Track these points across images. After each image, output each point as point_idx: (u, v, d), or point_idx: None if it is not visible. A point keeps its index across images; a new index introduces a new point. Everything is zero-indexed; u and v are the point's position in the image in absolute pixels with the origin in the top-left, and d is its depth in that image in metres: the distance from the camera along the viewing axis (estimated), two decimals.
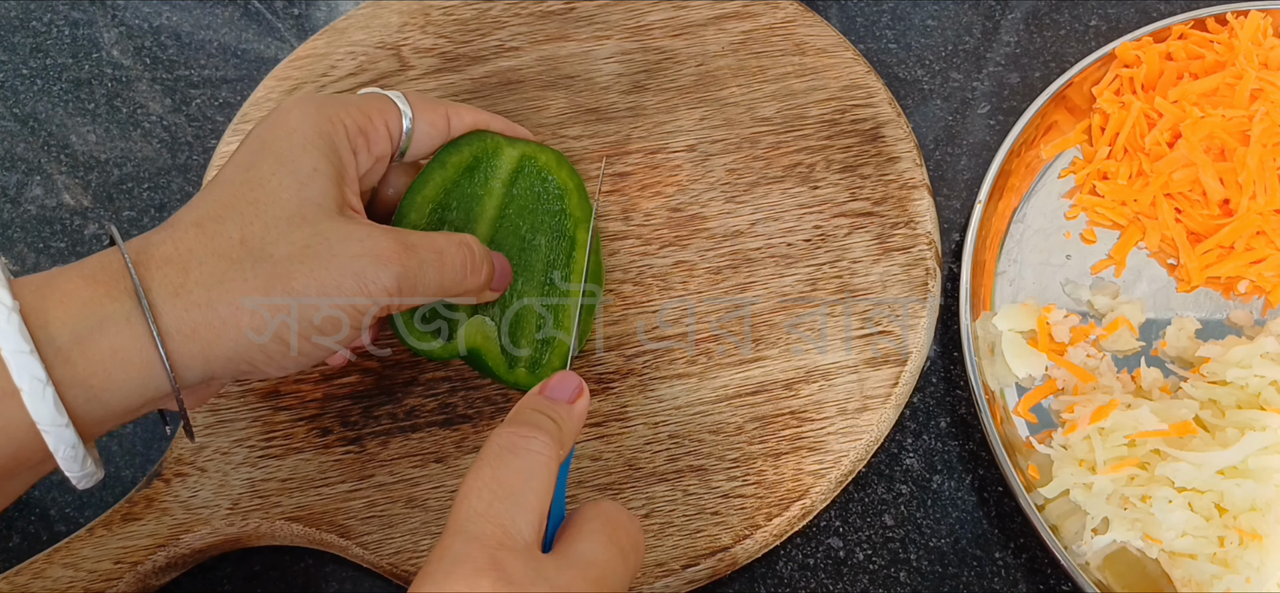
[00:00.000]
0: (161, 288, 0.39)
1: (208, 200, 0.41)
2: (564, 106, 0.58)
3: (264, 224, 0.40)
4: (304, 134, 0.43)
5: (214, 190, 0.42)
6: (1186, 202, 0.54)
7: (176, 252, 0.39)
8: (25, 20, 0.67)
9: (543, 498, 0.37)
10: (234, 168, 0.42)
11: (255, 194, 0.41)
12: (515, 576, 0.34)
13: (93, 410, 0.38)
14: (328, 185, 0.42)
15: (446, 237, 0.45)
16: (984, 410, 0.49)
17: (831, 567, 0.49)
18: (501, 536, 0.35)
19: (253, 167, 0.42)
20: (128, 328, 0.38)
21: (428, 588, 0.34)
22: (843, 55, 0.59)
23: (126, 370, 0.38)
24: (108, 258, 0.39)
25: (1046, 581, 0.49)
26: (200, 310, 0.39)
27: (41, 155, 0.62)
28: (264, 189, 0.41)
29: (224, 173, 0.43)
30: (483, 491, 0.36)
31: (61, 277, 0.38)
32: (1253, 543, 0.45)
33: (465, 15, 0.62)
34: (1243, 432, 0.46)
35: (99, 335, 0.38)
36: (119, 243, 0.39)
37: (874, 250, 0.53)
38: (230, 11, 0.67)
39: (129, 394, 0.39)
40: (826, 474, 0.48)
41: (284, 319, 0.40)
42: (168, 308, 0.39)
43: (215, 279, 0.39)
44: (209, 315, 0.39)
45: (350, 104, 0.45)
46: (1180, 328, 0.52)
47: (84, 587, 0.46)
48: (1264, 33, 0.57)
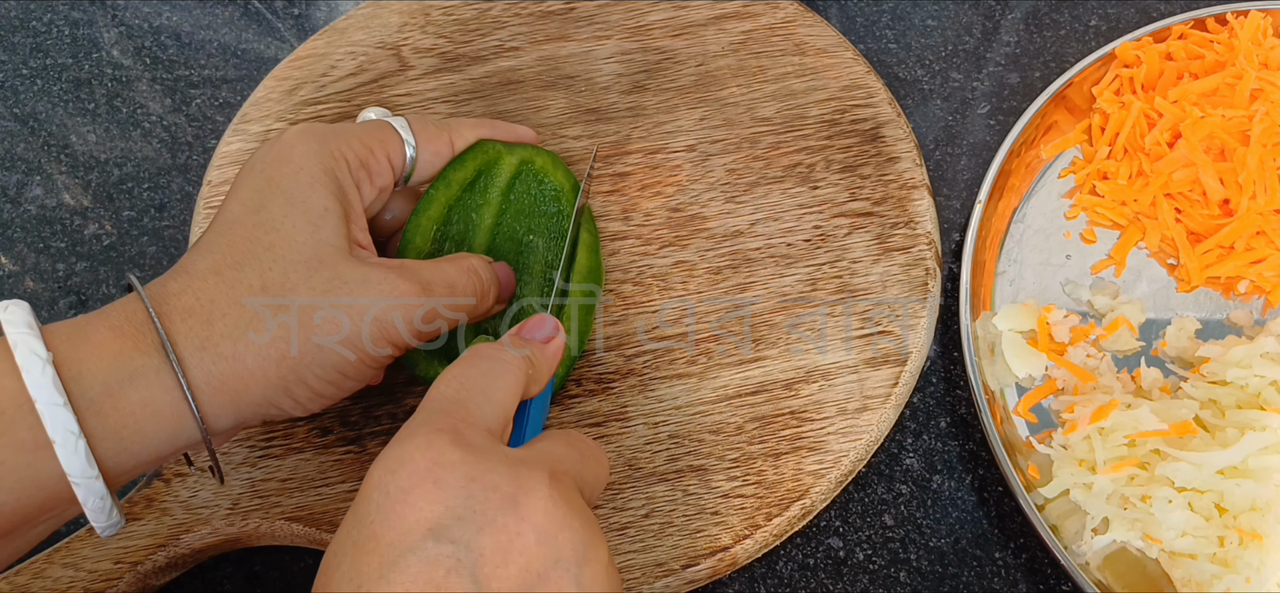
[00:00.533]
0: (188, 341, 0.39)
1: (221, 244, 0.41)
2: (564, 106, 0.58)
3: (283, 270, 0.41)
4: (310, 172, 0.43)
5: (226, 233, 0.42)
6: (1186, 202, 0.54)
7: (199, 302, 0.40)
8: (25, 20, 0.67)
9: (508, 397, 0.38)
10: (242, 208, 0.42)
11: (270, 238, 0.41)
12: (474, 443, 0.35)
13: (122, 461, 0.38)
14: (338, 224, 0.43)
15: (455, 264, 0.45)
16: (984, 410, 0.49)
17: (831, 567, 0.49)
18: (464, 413, 0.36)
19: (262, 208, 0.42)
20: (158, 381, 0.38)
21: (391, 451, 0.34)
22: (843, 55, 0.59)
23: (158, 422, 0.38)
24: (131, 309, 0.39)
25: (1046, 581, 0.49)
26: (227, 363, 0.39)
27: (41, 155, 0.62)
28: (279, 233, 0.41)
29: (231, 211, 0.43)
30: (450, 382, 0.37)
31: (89, 327, 0.38)
32: (1253, 543, 0.45)
33: (465, 15, 0.62)
34: (1243, 432, 0.46)
35: (130, 388, 0.38)
36: (141, 294, 0.39)
37: (874, 250, 0.53)
38: (230, 11, 0.67)
39: (159, 444, 0.39)
40: (826, 474, 0.48)
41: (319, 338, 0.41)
42: (195, 361, 0.39)
43: (240, 328, 0.40)
44: (236, 367, 0.40)
45: (352, 136, 0.45)
46: (1180, 328, 0.52)
47: (84, 587, 0.46)
48: (1264, 33, 0.57)
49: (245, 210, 0.42)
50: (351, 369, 0.42)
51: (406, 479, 0.33)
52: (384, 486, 0.34)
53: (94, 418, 0.37)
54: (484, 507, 0.33)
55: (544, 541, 0.33)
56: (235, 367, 0.39)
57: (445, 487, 0.33)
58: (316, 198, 0.43)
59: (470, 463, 0.34)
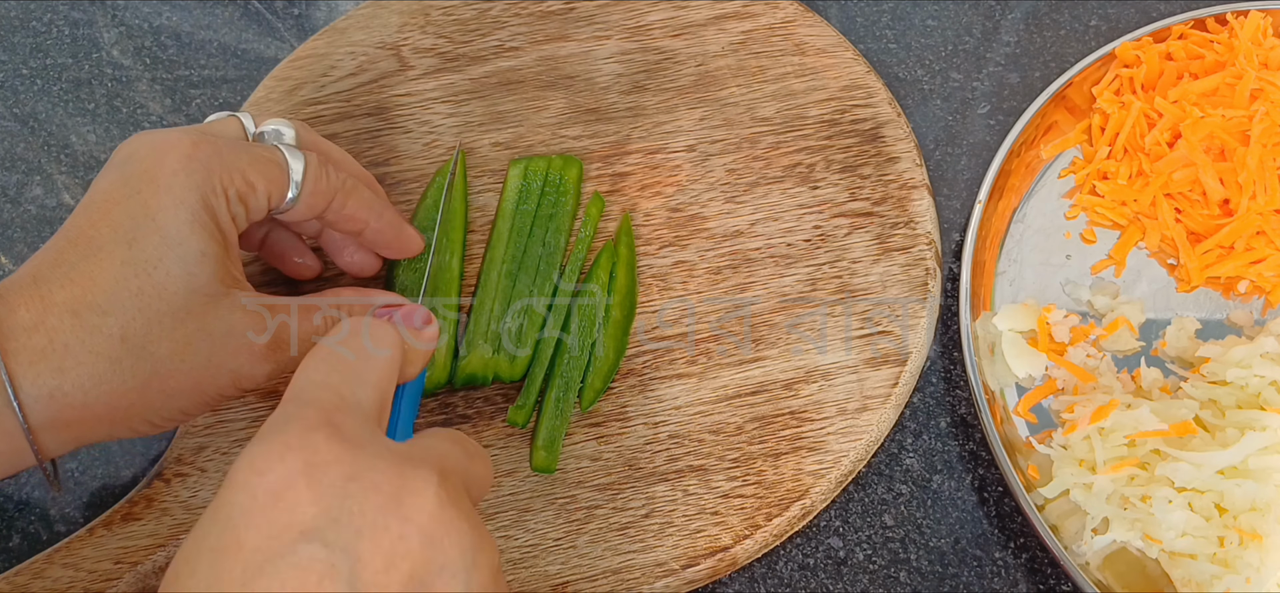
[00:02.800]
0: (35, 387, 0.37)
1: (84, 273, 0.38)
2: (564, 106, 0.58)
3: (148, 320, 0.39)
4: (190, 207, 0.40)
5: (90, 257, 0.39)
6: (1186, 202, 0.54)
7: (51, 344, 0.37)
8: (25, 20, 0.67)
9: (386, 378, 0.35)
10: (112, 235, 0.39)
11: (140, 282, 0.39)
12: (351, 434, 0.31)
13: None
14: (215, 268, 0.40)
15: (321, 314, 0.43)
16: (984, 410, 0.49)
17: (831, 567, 0.49)
18: (338, 401, 0.33)
19: (134, 241, 0.39)
20: (4, 438, 0.37)
21: (257, 449, 0.31)
22: (843, 55, 0.59)
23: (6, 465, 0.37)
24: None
25: (1046, 581, 0.49)
26: (75, 409, 0.38)
27: (41, 155, 0.62)
28: (150, 278, 0.39)
29: (99, 233, 0.39)
30: (320, 365, 0.34)
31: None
32: (1253, 543, 0.45)
33: (465, 15, 0.62)
34: (1243, 432, 0.46)
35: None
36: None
37: (874, 250, 0.53)
38: (230, 11, 0.67)
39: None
40: (826, 474, 0.48)
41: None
42: (41, 408, 0.37)
43: (93, 381, 0.38)
44: (83, 413, 0.38)
45: (236, 167, 0.42)
46: (1180, 328, 0.52)
47: (84, 587, 0.46)
48: (1264, 33, 0.57)
49: (114, 235, 0.39)
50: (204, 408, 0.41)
51: (277, 481, 0.30)
52: (250, 487, 0.30)
53: None
54: (363, 508, 0.30)
55: (429, 544, 0.30)
56: (82, 412, 0.38)
57: (320, 487, 0.30)
58: (195, 240, 0.40)
59: (349, 460, 0.31)
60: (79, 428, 0.39)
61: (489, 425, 0.50)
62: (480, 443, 0.49)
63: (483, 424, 0.50)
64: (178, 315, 0.39)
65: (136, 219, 0.39)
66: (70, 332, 0.38)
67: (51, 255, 0.39)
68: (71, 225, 0.40)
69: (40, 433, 0.38)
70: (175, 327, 0.39)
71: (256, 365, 0.41)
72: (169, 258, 0.39)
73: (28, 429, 0.37)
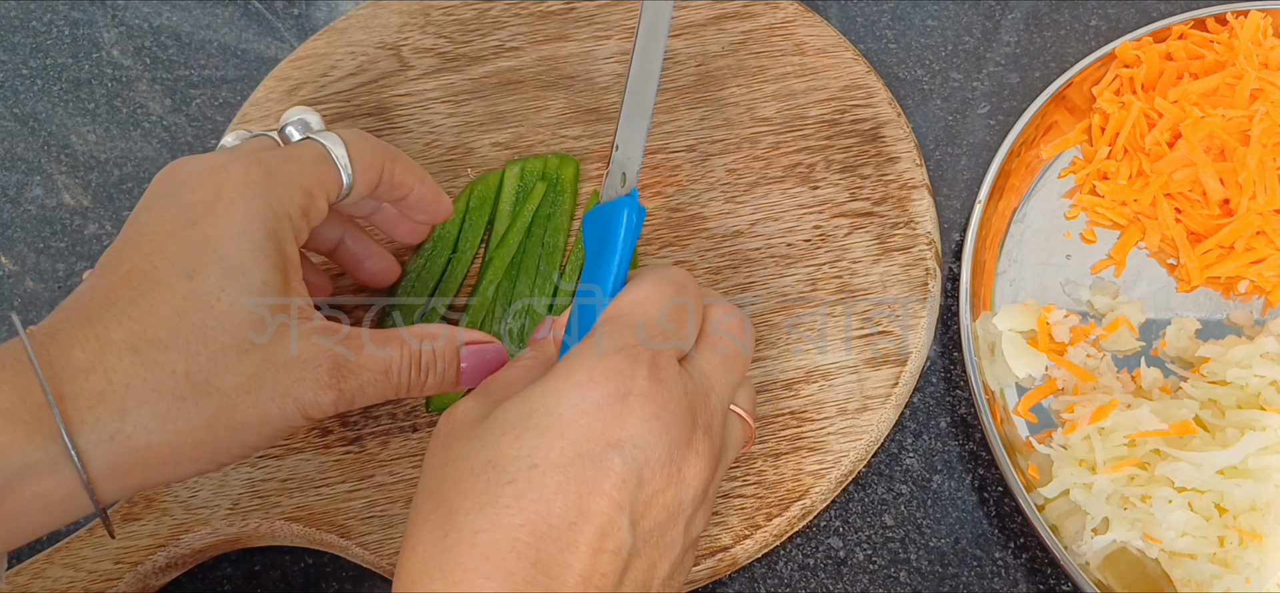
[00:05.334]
0: (95, 432, 0.35)
1: (142, 308, 0.37)
2: (564, 106, 0.58)
3: (211, 355, 0.37)
4: (252, 238, 0.39)
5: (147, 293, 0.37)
6: (1186, 202, 0.54)
7: (111, 386, 0.35)
8: (25, 20, 0.67)
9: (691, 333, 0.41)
10: (170, 267, 0.37)
11: (202, 316, 0.37)
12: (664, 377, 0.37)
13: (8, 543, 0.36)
14: (274, 295, 0.39)
15: (400, 347, 0.41)
16: (984, 410, 0.49)
17: (831, 567, 0.49)
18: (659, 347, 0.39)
19: (194, 274, 0.37)
20: (53, 477, 0.35)
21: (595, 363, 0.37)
22: (843, 55, 0.59)
23: (49, 513, 0.36)
24: (23, 384, 0.35)
25: (1046, 581, 0.49)
26: (138, 454, 0.36)
27: (41, 155, 0.62)
28: (212, 311, 0.37)
29: (155, 267, 0.37)
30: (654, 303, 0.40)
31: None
32: (1253, 543, 0.45)
33: (465, 15, 0.62)
34: (1243, 432, 0.46)
35: (20, 484, 0.34)
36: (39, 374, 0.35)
37: (874, 250, 0.53)
38: (230, 11, 0.67)
39: (49, 527, 0.36)
40: (826, 474, 0.48)
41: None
42: (102, 453, 0.35)
43: (157, 422, 0.36)
44: (147, 456, 0.36)
45: (295, 185, 0.41)
46: (1180, 328, 0.52)
47: (84, 587, 0.46)
48: (1264, 33, 0.57)
49: (172, 268, 0.37)
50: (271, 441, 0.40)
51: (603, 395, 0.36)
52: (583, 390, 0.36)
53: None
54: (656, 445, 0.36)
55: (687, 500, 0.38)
56: (145, 455, 0.36)
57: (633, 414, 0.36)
58: (257, 270, 0.39)
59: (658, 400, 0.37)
60: (141, 473, 0.37)
61: None
62: None
63: None
64: (243, 347, 0.38)
65: (195, 251, 0.38)
66: (130, 370, 0.36)
67: (102, 292, 0.37)
68: (120, 260, 0.38)
69: (99, 482, 0.36)
70: (240, 359, 0.38)
71: (322, 394, 0.40)
72: (230, 289, 0.38)
73: (87, 479, 0.35)
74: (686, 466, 0.37)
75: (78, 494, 0.35)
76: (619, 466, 0.35)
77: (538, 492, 0.35)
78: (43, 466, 0.35)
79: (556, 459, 0.35)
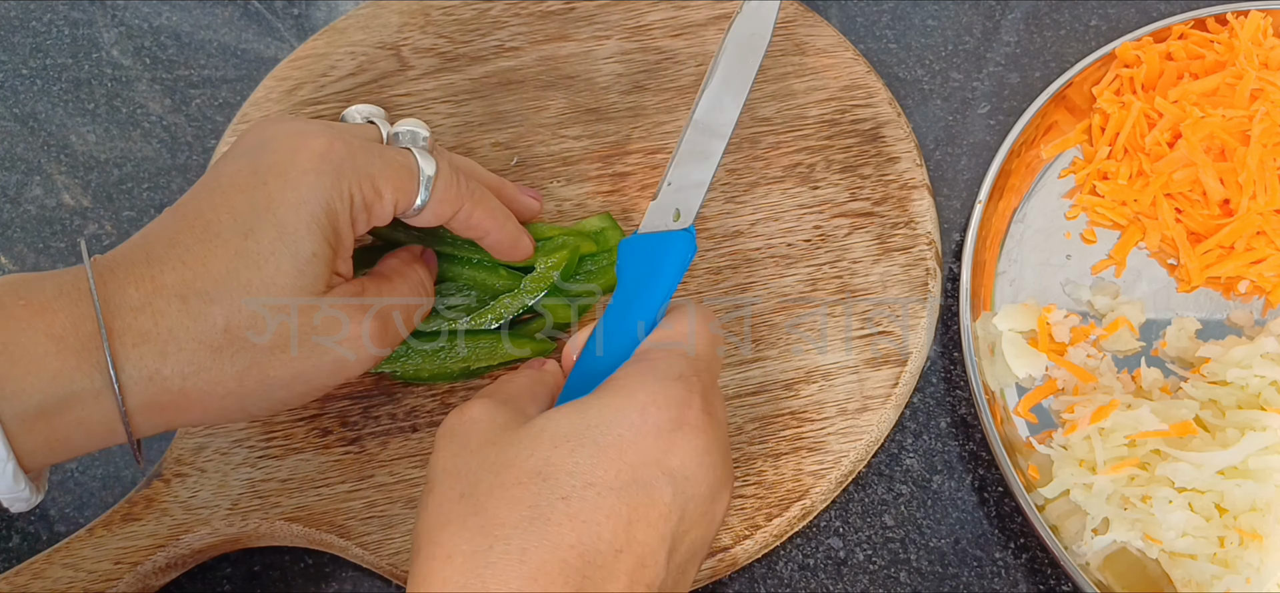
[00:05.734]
0: (137, 369, 0.37)
1: (197, 255, 0.38)
2: (564, 106, 0.58)
3: (252, 313, 0.39)
4: (311, 209, 0.40)
5: (205, 240, 0.39)
6: (1186, 202, 0.54)
7: (156, 328, 0.37)
8: (25, 20, 0.67)
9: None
10: (232, 222, 0.39)
11: (249, 275, 0.39)
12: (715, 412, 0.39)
13: (46, 461, 0.38)
14: (322, 269, 0.41)
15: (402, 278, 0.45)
16: (984, 411, 0.49)
17: (831, 567, 0.49)
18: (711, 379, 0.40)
19: (252, 233, 0.39)
20: (95, 404, 0.37)
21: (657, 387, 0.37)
22: (843, 55, 0.59)
23: (88, 437, 0.38)
24: (78, 313, 0.37)
25: (1046, 581, 0.49)
26: (172, 394, 0.38)
27: (41, 155, 0.62)
28: (260, 271, 0.39)
29: (219, 217, 0.39)
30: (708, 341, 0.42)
31: (28, 335, 0.36)
32: (1253, 543, 0.45)
33: (465, 15, 0.62)
34: (1243, 432, 0.46)
35: (66, 409, 0.37)
36: (97, 308, 0.37)
37: (874, 250, 0.53)
38: (230, 11, 0.67)
39: (85, 450, 0.38)
40: (826, 475, 0.48)
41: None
42: (139, 389, 0.37)
43: (193, 369, 0.38)
44: (179, 399, 0.38)
45: (368, 174, 0.42)
46: (1180, 328, 0.52)
47: (84, 587, 0.46)
48: (1264, 33, 0.57)
49: (233, 223, 0.39)
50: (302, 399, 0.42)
51: (660, 422, 0.36)
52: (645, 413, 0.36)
53: (24, 435, 0.36)
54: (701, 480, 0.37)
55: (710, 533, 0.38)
56: (179, 398, 0.38)
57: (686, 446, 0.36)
58: (309, 240, 0.40)
59: (708, 434, 0.37)
60: (174, 412, 0.39)
61: None
62: None
63: None
64: (281, 309, 0.39)
65: (258, 210, 0.39)
66: (176, 317, 0.38)
67: (167, 233, 0.39)
68: (191, 204, 0.40)
69: (135, 415, 0.38)
70: (276, 318, 0.39)
71: (360, 355, 0.42)
72: (281, 254, 0.39)
73: (124, 411, 0.37)
74: (718, 503, 0.38)
75: (115, 424, 0.38)
76: (668, 496, 0.35)
77: (591, 513, 0.34)
78: (87, 393, 0.37)
79: (612, 481, 0.35)
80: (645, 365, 0.38)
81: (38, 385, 0.36)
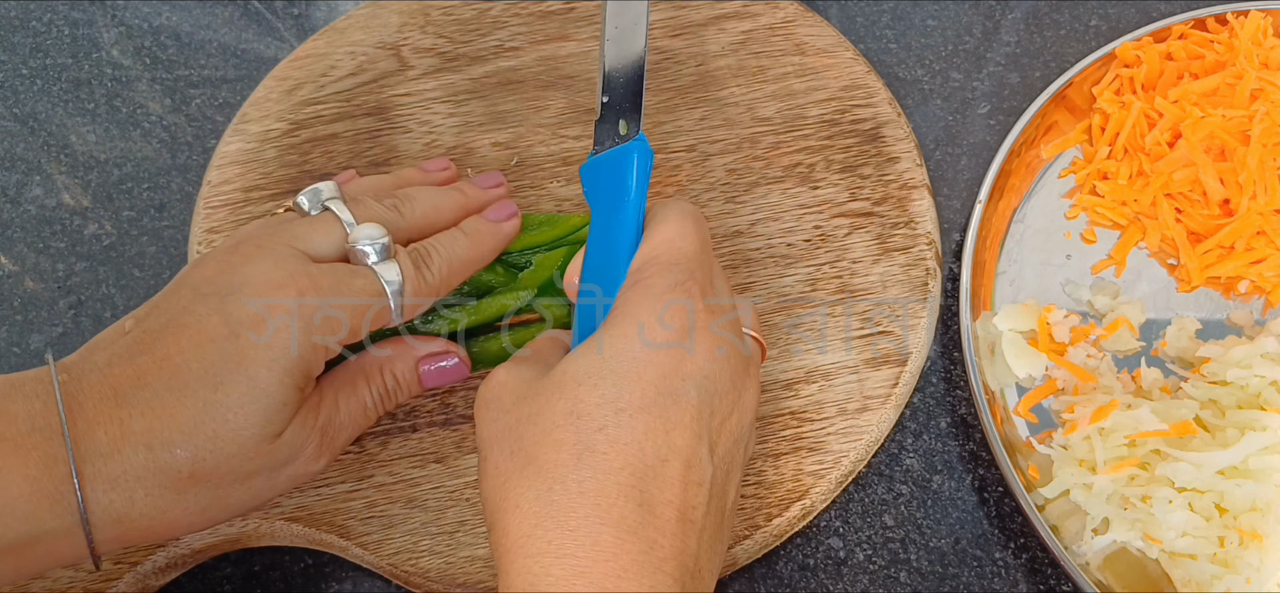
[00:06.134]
0: (105, 512, 0.38)
1: (166, 411, 0.39)
2: (564, 106, 0.58)
3: (217, 461, 0.40)
4: (285, 363, 0.41)
5: (175, 398, 0.39)
6: (1187, 202, 0.54)
7: (123, 474, 0.38)
8: (25, 20, 0.67)
9: None
10: (202, 373, 0.39)
11: (216, 426, 0.39)
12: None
13: (11, 583, 0.39)
14: (291, 414, 0.42)
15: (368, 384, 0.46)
16: (984, 410, 0.49)
17: (831, 567, 0.49)
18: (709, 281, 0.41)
19: (222, 386, 0.39)
20: (66, 540, 0.38)
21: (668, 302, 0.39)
22: (843, 55, 0.59)
23: (55, 562, 0.39)
24: (50, 454, 0.37)
25: (1046, 581, 0.49)
26: (138, 530, 0.40)
27: (41, 155, 0.62)
28: (227, 423, 0.39)
29: (189, 366, 0.39)
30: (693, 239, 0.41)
31: (9, 478, 0.37)
32: (1253, 543, 0.45)
33: (465, 15, 0.62)
34: (1243, 432, 0.46)
35: (37, 543, 0.38)
36: (70, 454, 0.37)
37: (874, 250, 0.53)
38: (230, 11, 0.67)
39: (51, 569, 0.41)
40: (826, 475, 0.48)
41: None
42: (108, 527, 0.39)
43: (158, 509, 0.39)
44: (145, 531, 0.40)
45: (338, 316, 0.42)
46: (1180, 328, 0.52)
47: (84, 587, 0.46)
48: (1264, 33, 0.57)
49: (203, 375, 0.39)
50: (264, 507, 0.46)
51: (668, 335, 0.38)
52: (651, 333, 0.38)
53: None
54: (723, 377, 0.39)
55: (746, 418, 0.40)
56: (145, 532, 0.40)
57: (699, 350, 0.38)
58: (281, 391, 0.41)
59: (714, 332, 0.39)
60: (138, 538, 0.40)
61: None
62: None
63: None
64: (246, 453, 0.40)
65: (229, 363, 0.40)
66: (143, 464, 0.39)
67: (135, 368, 0.39)
68: (158, 339, 0.40)
69: (101, 545, 0.39)
70: (242, 462, 0.40)
71: (312, 467, 0.44)
72: (251, 407, 0.40)
73: (92, 547, 0.39)
74: (745, 390, 0.40)
75: (82, 551, 0.39)
76: (695, 397, 0.37)
77: (629, 434, 0.36)
78: (58, 531, 0.38)
79: (639, 401, 0.37)
80: (641, 288, 0.40)
81: (12, 525, 0.37)
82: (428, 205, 0.48)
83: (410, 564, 0.47)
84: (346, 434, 0.45)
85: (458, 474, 0.49)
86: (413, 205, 0.48)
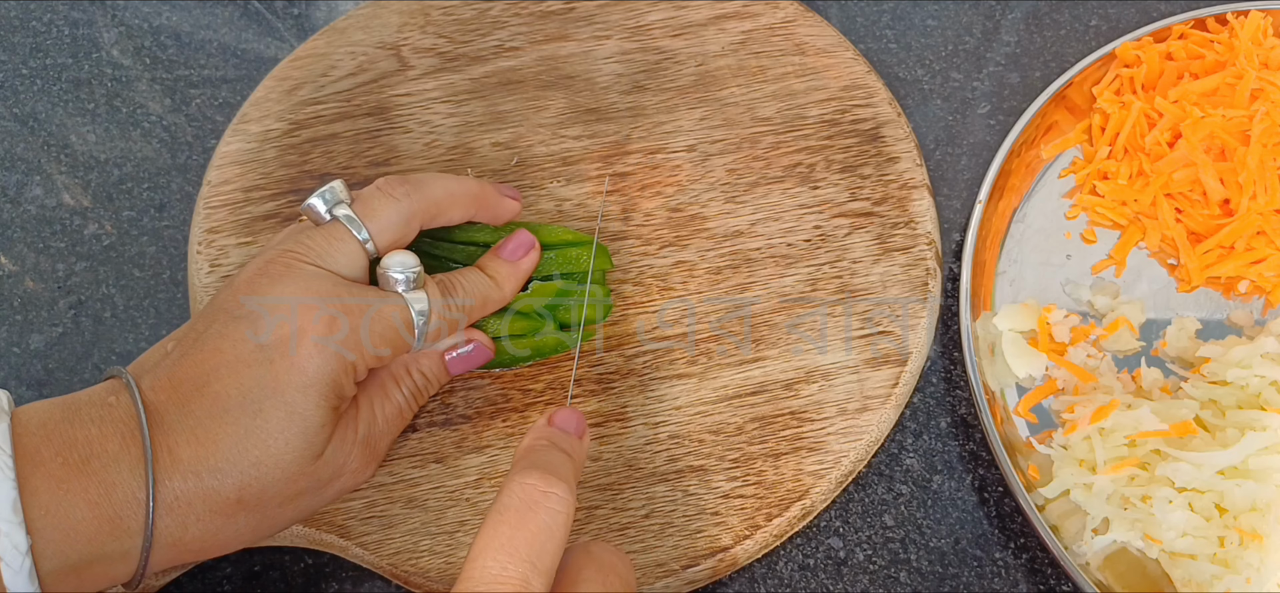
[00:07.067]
0: (161, 536, 0.40)
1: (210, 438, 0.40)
2: (564, 106, 0.58)
3: (262, 486, 0.41)
4: (319, 388, 0.42)
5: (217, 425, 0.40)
6: (1187, 202, 0.54)
7: (177, 500, 0.40)
8: (25, 20, 0.67)
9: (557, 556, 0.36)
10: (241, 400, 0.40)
11: (258, 453, 0.40)
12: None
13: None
14: (329, 433, 0.43)
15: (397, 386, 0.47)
16: (984, 410, 0.49)
17: (831, 567, 0.49)
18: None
19: (261, 412, 0.40)
20: (123, 562, 0.39)
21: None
22: (843, 55, 0.59)
23: (109, 581, 0.40)
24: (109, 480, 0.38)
25: (1047, 581, 0.49)
26: (190, 551, 0.41)
27: (41, 155, 0.62)
28: (268, 448, 0.41)
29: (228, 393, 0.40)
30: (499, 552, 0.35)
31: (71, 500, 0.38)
32: (1253, 543, 0.45)
33: (465, 15, 0.62)
34: (1243, 432, 0.46)
35: (96, 564, 0.39)
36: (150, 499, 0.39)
37: (874, 250, 0.53)
38: (230, 11, 0.67)
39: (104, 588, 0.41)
40: (826, 475, 0.48)
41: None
42: (164, 551, 0.40)
43: (210, 532, 0.41)
44: (197, 552, 0.42)
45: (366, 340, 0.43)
46: (1180, 328, 0.52)
47: None
48: (1264, 33, 0.57)
49: (243, 401, 0.40)
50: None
51: None
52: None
53: (56, 584, 0.38)
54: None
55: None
56: (196, 552, 0.42)
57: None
58: (316, 414, 0.42)
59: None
60: (190, 558, 0.42)
61: (489, 426, 0.50)
62: (480, 443, 0.49)
63: (482, 424, 0.50)
64: (290, 478, 0.42)
65: (265, 389, 0.41)
66: (192, 491, 0.40)
67: (176, 400, 0.40)
68: (195, 365, 0.41)
69: (153, 566, 0.40)
70: (286, 485, 0.42)
71: (361, 477, 0.46)
72: (290, 431, 0.41)
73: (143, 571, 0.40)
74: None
75: (131, 574, 0.40)
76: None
77: None
78: (117, 554, 0.39)
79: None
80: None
81: (76, 547, 0.38)
82: (441, 191, 0.48)
83: (410, 564, 0.47)
84: (387, 439, 0.47)
85: (458, 474, 0.49)
86: (426, 189, 0.48)
